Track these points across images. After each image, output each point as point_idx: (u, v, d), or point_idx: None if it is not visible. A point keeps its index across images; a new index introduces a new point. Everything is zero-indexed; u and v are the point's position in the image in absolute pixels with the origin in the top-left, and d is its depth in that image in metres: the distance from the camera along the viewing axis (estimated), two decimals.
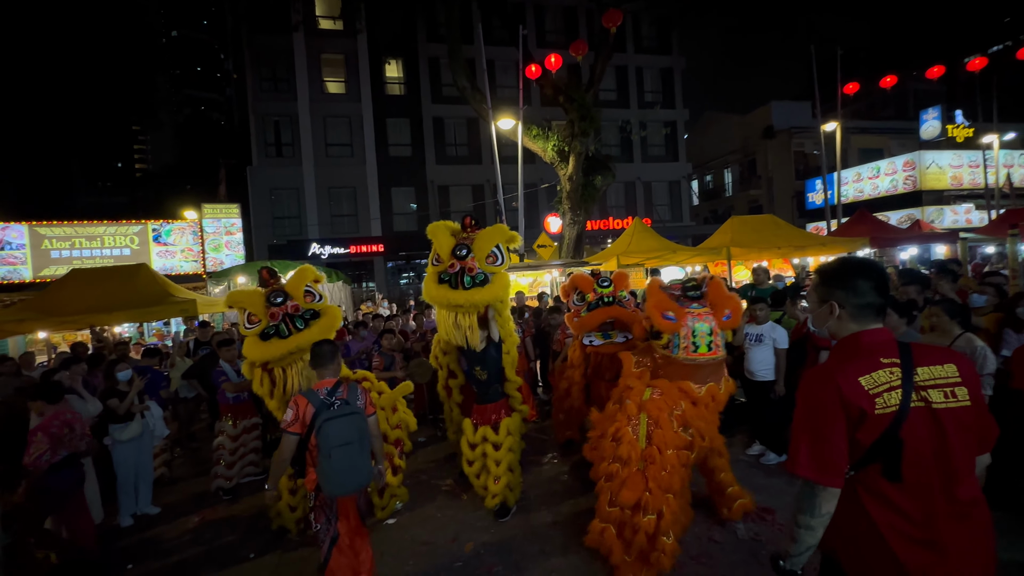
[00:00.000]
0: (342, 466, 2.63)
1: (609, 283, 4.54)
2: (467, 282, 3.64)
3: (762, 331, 4.47)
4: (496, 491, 3.83)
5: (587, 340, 4.49)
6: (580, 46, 11.10)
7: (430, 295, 3.74)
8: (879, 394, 1.34)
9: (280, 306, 3.53)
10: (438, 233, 3.80)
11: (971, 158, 18.86)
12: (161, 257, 15.67)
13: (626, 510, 2.91)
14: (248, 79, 19.16)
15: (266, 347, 3.44)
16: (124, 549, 3.93)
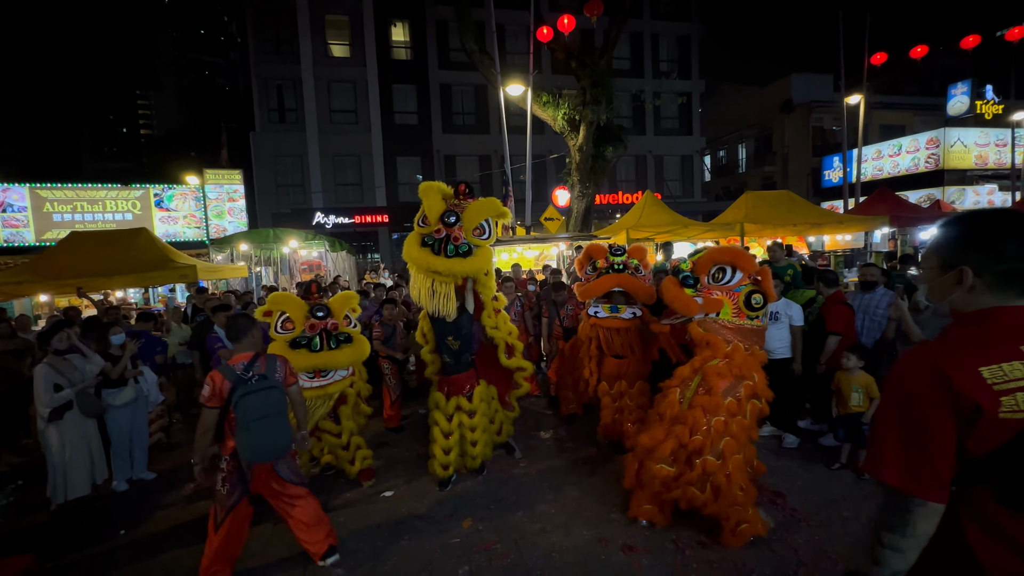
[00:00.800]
0: (260, 438, 2.72)
1: (623, 252, 4.38)
2: (450, 250, 3.59)
3: (777, 308, 4.22)
4: (476, 453, 4.02)
5: (592, 311, 4.34)
6: (595, 6, 10.53)
7: (410, 256, 3.64)
8: (1008, 391, 1.01)
9: (321, 320, 3.67)
10: (429, 194, 3.68)
11: (998, 136, 18.10)
12: (164, 223, 15.51)
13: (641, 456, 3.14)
14: (250, 41, 18.56)
15: (294, 356, 3.48)
16: (118, 515, 3.87)
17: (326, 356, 3.60)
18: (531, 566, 2.92)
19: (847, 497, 3.46)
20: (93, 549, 3.42)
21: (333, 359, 3.62)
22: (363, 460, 4.07)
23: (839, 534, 3.05)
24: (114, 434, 4.26)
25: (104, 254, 8.20)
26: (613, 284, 4.23)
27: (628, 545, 3.03)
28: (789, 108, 24.29)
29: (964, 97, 18.93)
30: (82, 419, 3.99)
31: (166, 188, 15.76)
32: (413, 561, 3.03)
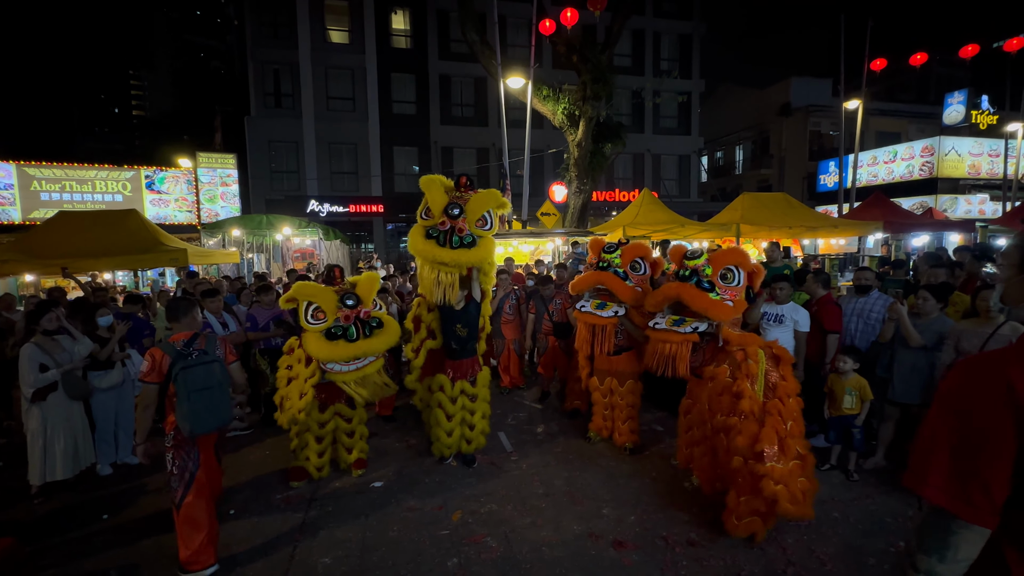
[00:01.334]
0: (201, 408, 2.85)
1: (614, 249, 4.29)
2: (455, 242, 3.70)
3: (783, 311, 4.15)
4: (473, 436, 4.17)
5: (579, 304, 4.33)
6: (599, 0, 10.43)
7: (416, 248, 3.79)
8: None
9: (353, 309, 3.58)
10: (432, 187, 3.81)
11: (992, 147, 18.29)
12: (155, 205, 15.26)
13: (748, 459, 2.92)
14: (247, 24, 18.25)
15: (333, 347, 3.47)
16: (101, 498, 3.81)
17: (364, 345, 3.53)
18: (520, 560, 2.90)
19: (836, 498, 3.47)
20: (75, 533, 3.36)
21: (372, 347, 3.55)
22: (360, 451, 4.07)
23: (828, 535, 3.06)
24: (99, 417, 4.18)
25: (93, 235, 8.04)
26: (592, 282, 4.23)
27: (619, 540, 3.03)
28: (787, 111, 24.36)
29: (960, 106, 19.08)
30: (67, 401, 3.91)
31: (157, 170, 15.49)
32: (401, 552, 3.01)
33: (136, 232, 8.32)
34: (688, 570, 2.77)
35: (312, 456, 3.89)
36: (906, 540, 3.08)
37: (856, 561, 2.81)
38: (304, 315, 3.57)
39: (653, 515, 3.31)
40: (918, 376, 3.63)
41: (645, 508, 3.39)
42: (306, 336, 3.55)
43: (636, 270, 4.25)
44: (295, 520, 3.40)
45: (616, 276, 4.18)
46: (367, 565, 2.90)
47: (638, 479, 3.81)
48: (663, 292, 3.70)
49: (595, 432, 4.46)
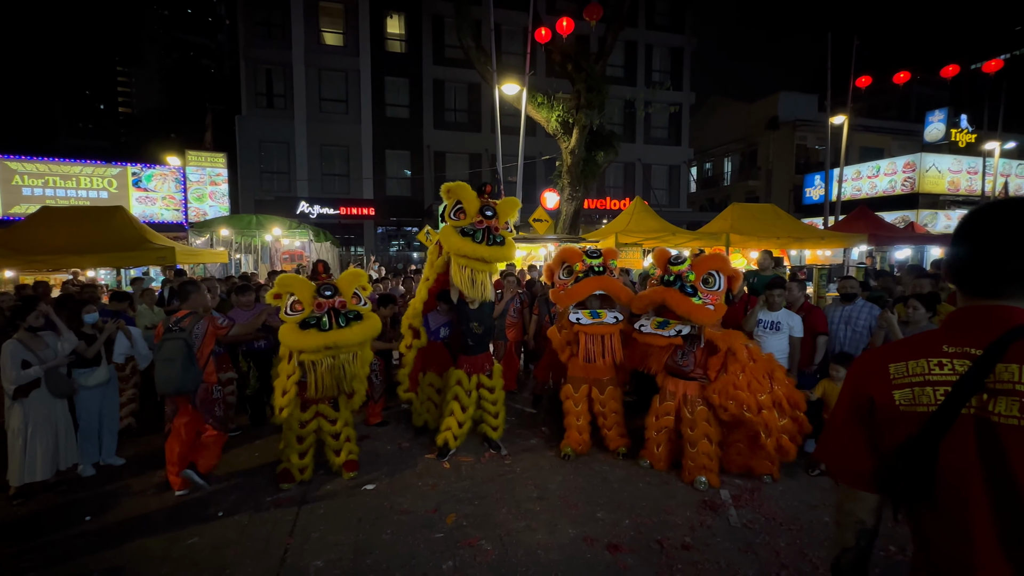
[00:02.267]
0: (160, 373, 3.55)
1: (599, 255, 4.31)
2: (491, 240, 4.04)
3: (779, 318, 4.21)
4: (497, 424, 4.46)
5: (573, 317, 4.19)
6: (595, 10, 10.59)
7: (454, 246, 4.01)
8: (904, 385, 1.03)
9: (328, 299, 3.68)
10: (464, 191, 4.14)
11: (970, 164, 18.85)
12: (141, 203, 15.00)
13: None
14: (240, 22, 18.14)
15: (302, 336, 3.57)
16: (83, 500, 3.70)
17: (336, 335, 3.59)
18: (516, 563, 2.88)
19: (826, 503, 3.52)
20: (56, 535, 3.26)
21: (343, 337, 3.60)
22: (349, 452, 4.01)
23: (819, 538, 3.10)
24: (83, 416, 4.08)
25: (78, 231, 7.89)
26: (596, 287, 4.15)
27: (614, 544, 3.03)
28: (775, 125, 24.84)
29: (940, 124, 19.66)
30: (50, 399, 3.80)
31: (145, 167, 15.25)
32: (395, 555, 2.97)
33: (122, 229, 8.19)
34: (683, 573, 2.78)
35: (293, 457, 3.83)
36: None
37: None
38: (285, 308, 3.67)
39: (648, 519, 3.32)
40: None
41: (640, 512, 3.40)
42: (283, 328, 3.64)
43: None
44: (286, 523, 3.34)
45: (615, 280, 4.17)
46: (361, 568, 2.86)
47: (632, 483, 3.82)
48: (649, 297, 3.94)
49: (571, 448, 4.22)
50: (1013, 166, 19.66)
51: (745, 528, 3.22)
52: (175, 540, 3.16)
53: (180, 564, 2.94)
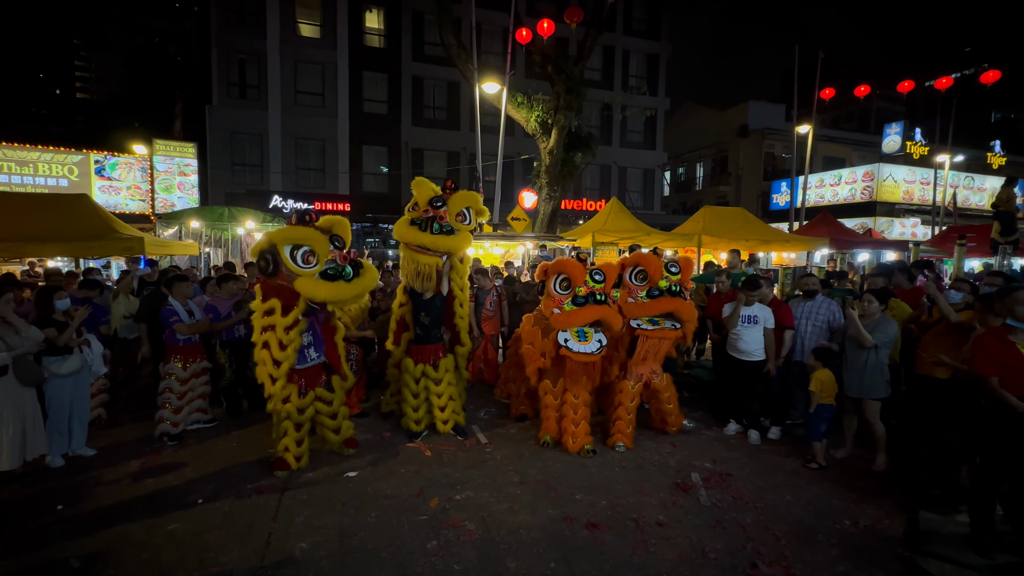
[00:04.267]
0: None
1: (603, 278, 4.09)
2: (435, 228, 4.18)
3: (753, 312, 4.47)
4: (445, 418, 4.53)
5: (561, 338, 4.00)
6: (575, 13, 10.79)
7: (400, 233, 4.30)
8: None
9: (341, 250, 3.71)
10: (422, 185, 4.34)
11: (923, 175, 19.98)
12: (104, 192, 14.40)
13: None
14: (212, 8, 17.61)
15: (335, 288, 3.55)
16: (53, 490, 3.61)
17: (363, 283, 3.69)
18: (499, 541, 2.99)
19: (788, 483, 3.76)
20: (27, 524, 3.18)
21: (363, 285, 3.71)
22: (348, 429, 4.13)
23: (782, 515, 3.32)
24: (53, 406, 3.96)
25: (38, 219, 7.56)
26: (597, 316, 3.95)
27: (592, 523, 3.17)
28: (745, 133, 25.72)
29: (897, 137, 20.76)
30: (17, 387, 3.69)
31: (109, 156, 14.65)
32: (380, 536, 3.03)
33: (87, 218, 7.88)
34: (657, 547, 2.94)
35: (292, 446, 3.83)
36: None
37: (807, 538, 3.06)
38: (293, 260, 3.52)
39: (624, 499, 3.47)
40: (869, 373, 3.93)
41: (617, 494, 3.55)
42: (302, 282, 3.51)
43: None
44: (269, 508, 3.35)
45: (617, 313, 4.14)
46: (346, 548, 2.91)
47: (608, 468, 3.98)
48: (660, 307, 4.21)
49: (549, 436, 4.33)
50: (961, 178, 20.92)
51: (715, 507, 3.41)
52: (155, 527, 3.14)
53: (161, 549, 2.92)
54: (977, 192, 21.26)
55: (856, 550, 2.94)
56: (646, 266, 4.31)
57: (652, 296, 4.28)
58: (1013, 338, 2.78)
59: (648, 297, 4.30)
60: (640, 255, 4.46)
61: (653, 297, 4.27)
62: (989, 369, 2.78)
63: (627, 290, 4.43)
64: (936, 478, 3.78)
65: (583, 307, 3.99)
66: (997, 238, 8.08)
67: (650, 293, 4.30)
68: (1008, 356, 2.74)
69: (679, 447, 4.43)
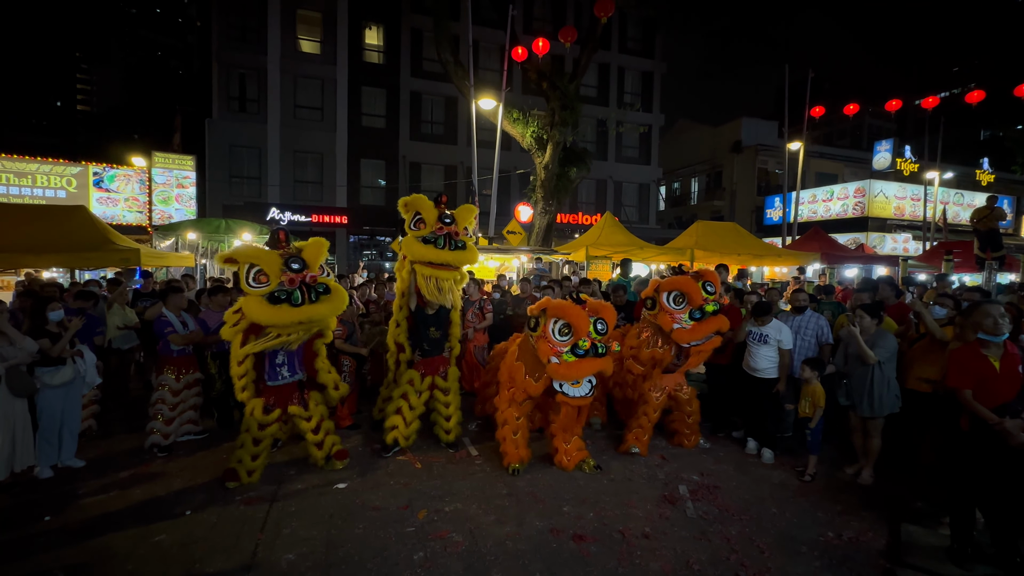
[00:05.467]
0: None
1: (606, 328, 3.93)
2: (452, 245, 4.23)
3: (768, 331, 4.47)
4: (450, 427, 4.57)
5: (556, 384, 3.85)
6: (569, 32, 11.05)
7: (417, 253, 4.18)
8: None
9: (298, 273, 3.53)
10: (422, 202, 4.34)
11: (914, 191, 20.27)
12: (102, 204, 14.46)
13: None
14: (214, 24, 17.91)
15: (275, 311, 3.42)
16: (40, 500, 3.60)
17: (309, 310, 3.49)
18: (485, 553, 3.00)
19: (773, 496, 3.79)
20: (11, 535, 3.17)
21: (317, 312, 3.53)
22: (333, 444, 4.11)
23: (767, 527, 3.34)
24: (44, 416, 3.96)
25: (35, 230, 7.60)
26: (597, 370, 3.84)
27: (578, 534, 3.19)
28: (738, 149, 26.09)
29: (887, 153, 21.11)
30: (8, 398, 3.71)
31: (108, 168, 14.74)
32: (367, 548, 3.04)
33: (83, 229, 7.92)
34: (642, 559, 2.96)
35: (246, 457, 3.76)
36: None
37: (791, 549, 3.09)
38: (245, 278, 3.47)
39: (610, 512, 3.49)
40: (878, 389, 3.86)
41: (603, 506, 3.57)
42: (247, 300, 3.47)
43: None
44: (256, 520, 3.35)
45: (612, 363, 4.12)
46: (333, 560, 2.92)
47: (596, 480, 4.00)
48: (708, 328, 4.23)
49: (518, 463, 4.08)
50: (951, 194, 21.23)
51: (701, 519, 3.43)
52: (141, 537, 3.14)
53: (147, 560, 2.92)
54: (967, 208, 21.49)
55: (838, 561, 2.97)
56: (686, 291, 4.24)
57: (695, 319, 4.21)
58: (985, 351, 2.85)
59: (692, 319, 4.22)
60: (677, 281, 4.31)
61: (696, 319, 4.20)
62: (963, 382, 2.85)
63: (668, 314, 4.27)
64: (919, 491, 3.82)
65: (583, 359, 3.77)
66: (979, 254, 8.20)
67: (692, 315, 4.21)
68: (981, 369, 2.81)
69: (668, 460, 4.46)
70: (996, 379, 2.79)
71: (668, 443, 4.79)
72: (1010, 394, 2.76)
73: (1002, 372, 2.80)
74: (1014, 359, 2.81)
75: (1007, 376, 2.78)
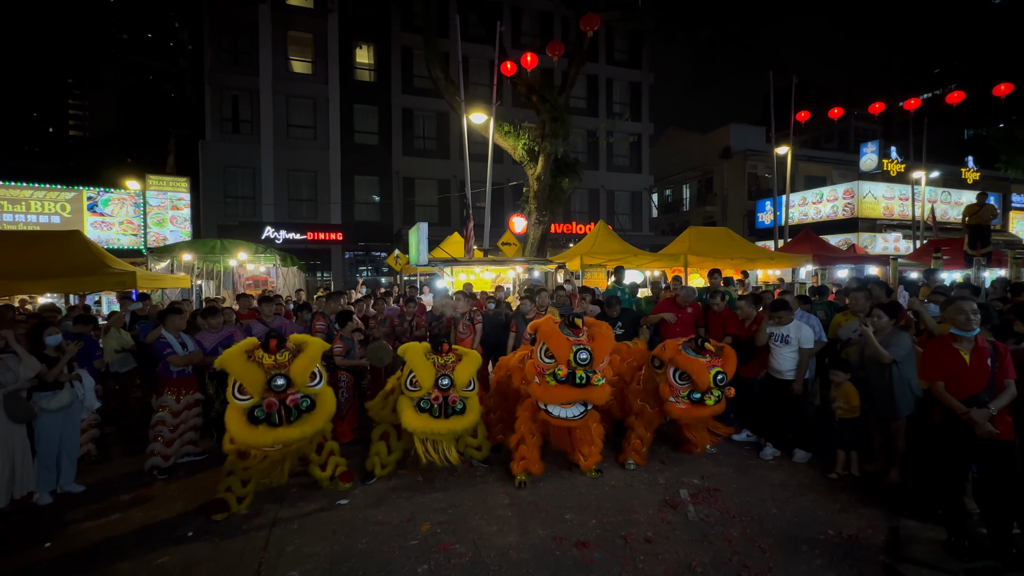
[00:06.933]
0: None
1: (589, 358, 3.86)
2: (448, 412, 3.80)
3: (788, 331, 4.45)
4: (479, 444, 4.46)
5: (541, 403, 3.95)
6: (557, 47, 11.26)
7: (411, 425, 3.76)
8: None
9: (281, 392, 3.36)
10: (416, 358, 3.87)
11: (901, 191, 20.56)
12: (96, 228, 14.48)
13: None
14: (206, 48, 18.15)
15: (252, 432, 3.29)
16: (41, 528, 3.57)
17: (286, 432, 3.32)
18: (489, 563, 3.01)
19: (775, 497, 3.81)
20: (13, 561, 3.16)
21: (295, 434, 3.36)
22: (336, 466, 4.06)
23: (768, 527, 3.37)
24: (43, 441, 3.96)
25: (29, 255, 7.61)
26: (574, 399, 3.83)
27: (581, 541, 3.20)
28: (728, 155, 26.42)
29: (873, 155, 21.42)
30: (7, 424, 3.72)
31: (102, 192, 14.80)
32: (371, 563, 3.05)
33: (79, 253, 7.92)
34: (645, 563, 2.98)
35: (235, 484, 3.65)
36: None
37: (792, 548, 3.12)
38: (232, 388, 3.39)
39: (612, 518, 3.51)
40: (898, 389, 3.78)
41: (606, 512, 3.59)
42: (230, 413, 3.36)
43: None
44: (259, 539, 3.35)
45: (598, 393, 3.97)
46: (337, 575, 2.92)
47: (598, 487, 4.02)
48: (702, 412, 4.05)
49: (524, 476, 4.09)
50: (939, 193, 21.53)
51: (702, 522, 3.46)
52: (145, 561, 3.13)
53: None
54: (955, 206, 21.82)
55: (839, 559, 3.00)
56: (695, 377, 3.93)
57: (693, 400, 3.98)
58: (957, 345, 2.95)
59: (689, 400, 4.00)
60: (690, 363, 3.97)
61: (693, 402, 3.98)
62: (935, 375, 2.94)
63: (668, 386, 4.07)
64: (918, 486, 3.85)
65: (562, 385, 3.75)
66: (969, 251, 8.34)
67: (691, 396, 3.99)
68: (952, 362, 2.91)
69: (668, 464, 4.48)
70: (966, 372, 2.89)
71: (674, 452, 4.77)
72: (979, 386, 2.85)
73: (972, 365, 2.90)
74: (983, 352, 2.91)
75: (976, 369, 2.89)
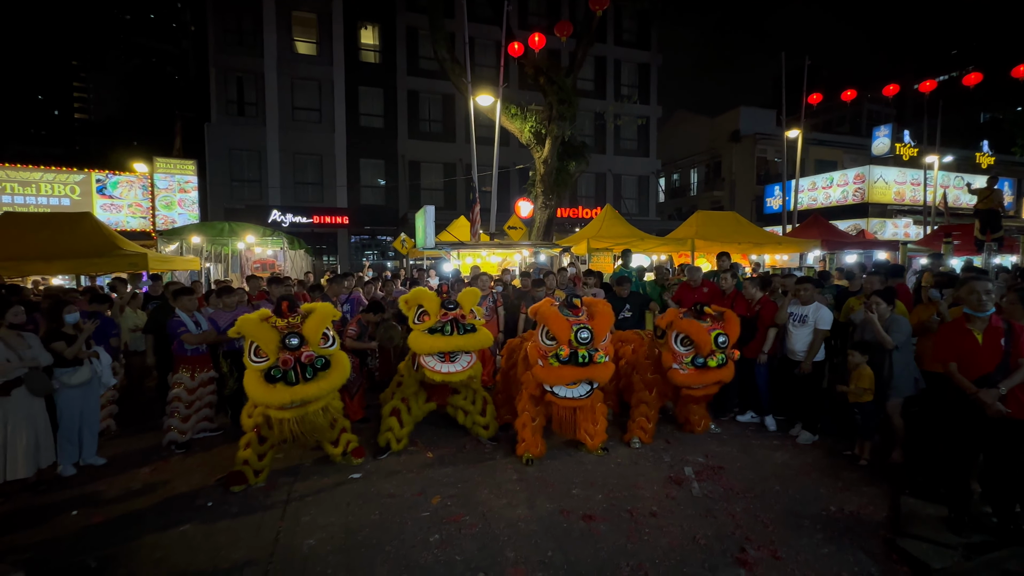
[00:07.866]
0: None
1: (590, 337, 3.93)
2: (461, 330, 4.05)
3: (807, 312, 4.46)
4: (487, 422, 4.66)
5: (546, 384, 4.07)
6: (565, 26, 11.09)
7: (426, 346, 3.96)
8: None
9: (295, 351, 3.42)
10: (424, 294, 4.22)
11: (913, 176, 20.26)
12: (105, 211, 14.60)
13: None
14: (210, 29, 17.97)
15: (270, 391, 3.34)
16: (67, 498, 3.71)
17: (303, 390, 3.37)
18: (498, 534, 3.11)
19: (777, 475, 3.88)
20: (42, 529, 3.29)
21: (310, 392, 3.39)
22: (348, 443, 4.16)
23: (770, 503, 3.44)
24: (64, 415, 4.09)
25: (42, 237, 7.73)
26: (578, 378, 3.90)
27: (588, 515, 3.29)
28: (737, 138, 26.06)
29: (886, 139, 21.05)
30: (29, 397, 3.83)
31: (111, 175, 14.88)
32: (385, 532, 3.15)
33: (91, 235, 8.06)
34: (650, 535, 3.07)
35: (252, 457, 3.74)
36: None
37: (794, 523, 3.19)
38: (248, 351, 3.45)
39: (618, 493, 3.60)
40: (898, 372, 3.89)
41: (612, 488, 3.68)
42: (247, 374, 3.43)
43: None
44: (276, 509, 3.47)
45: (602, 370, 4.05)
46: (352, 544, 3.03)
47: (604, 464, 4.11)
48: (705, 378, 4.13)
49: (530, 454, 4.13)
50: (951, 178, 21.20)
51: (706, 498, 3.54)
52: (167, 528, 3.26)
53: (173, 549, 3.04)
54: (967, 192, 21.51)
55: (840, 533, 3.07)
56: (695, 339, 4.08)
57: (696, 365, 4.08)
58: (970, 326, 2.96)
59: (693, 365, 4.09)
60: (690, 326, 4.12)
61: (697, 367, 4.08)
62: (948, 355, 2.96)
63: (671, 353, 4.19)
64: (920, 466, 3.90)
65: (565, 366, 3.83)
66: (979, 236, 8.26)
67: (695, 361, 4.08)
68: (964, 343, 2.92)
69: (673, 443, 4.56)
70: (979, 352, 2.90)
71: (679, 431, 4.84)
72: (990, 366, 2.86)
73: (984, 345, 2.90)
74: (997, 332, 2.90)
75: (989, 349, 2.89)
